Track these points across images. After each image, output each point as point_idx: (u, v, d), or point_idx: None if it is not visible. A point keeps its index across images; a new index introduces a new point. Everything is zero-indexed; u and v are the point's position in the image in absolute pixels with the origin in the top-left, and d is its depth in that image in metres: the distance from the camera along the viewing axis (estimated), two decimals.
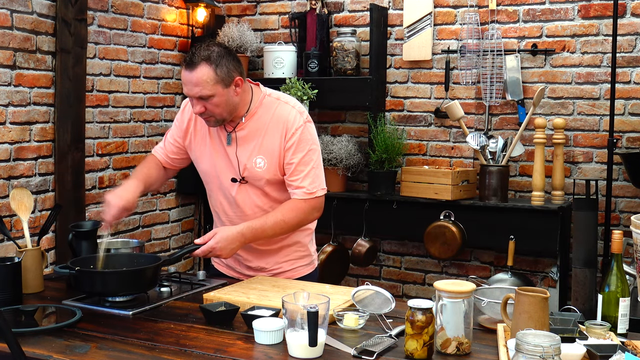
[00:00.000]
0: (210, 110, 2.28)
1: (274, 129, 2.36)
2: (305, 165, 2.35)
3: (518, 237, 3.70)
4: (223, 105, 2.28)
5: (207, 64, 2.23)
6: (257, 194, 2.42)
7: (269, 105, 2.39)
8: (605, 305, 1.97)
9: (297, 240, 2.52)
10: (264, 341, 1.81)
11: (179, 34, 4.40)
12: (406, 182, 3.95)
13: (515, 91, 3.93)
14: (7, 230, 2.47)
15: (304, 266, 2.57)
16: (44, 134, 3.51)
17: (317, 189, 2.37)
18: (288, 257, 2.52)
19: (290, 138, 2.34)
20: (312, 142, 2.38)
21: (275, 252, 2.50)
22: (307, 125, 2.38)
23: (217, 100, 2.26)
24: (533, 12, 3.91)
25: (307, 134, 2.37)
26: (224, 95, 2.27)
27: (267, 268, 2.51)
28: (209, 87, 2.23)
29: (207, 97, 2.25)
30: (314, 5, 4.26)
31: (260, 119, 2.38)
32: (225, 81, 2.26)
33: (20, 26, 3.34)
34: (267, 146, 2.36)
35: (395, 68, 4.25)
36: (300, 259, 2.55)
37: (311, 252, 2.60)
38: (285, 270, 2.52)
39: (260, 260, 2.50)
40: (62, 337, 1.87)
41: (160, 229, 4.32)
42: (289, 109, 2.38)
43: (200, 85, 2.23)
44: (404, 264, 4.36)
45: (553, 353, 1.37)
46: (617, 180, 3.79)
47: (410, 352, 1.71)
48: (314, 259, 2.63)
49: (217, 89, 2.25)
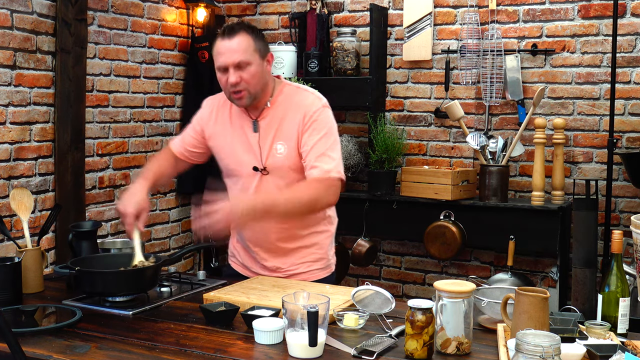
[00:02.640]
0: (246, 80, 2.26)
1: (293, 114, 2.35)
2: (322, 147, 2.31)
3: (518, 237, 3.70)
4: (258, 77, 2.28)
5: (246, 32, 2.27)
6: (278, 185, 2.37)
7: (289, 93, 2.41)
8: (605, 305, 1.97)
9: (315, 241, 2.49)
10: (264, 341, 1.81)
11: (179, 34, 4.40)
12: (406, 182, 3.95)
13: (515, 91, 3.93)
14: (7, 230, 2.47)
15: (320, 269, 2.51)
16: (44, 134, 3.51)
17: (333, 171, 2.30)
18: (305, 259, 2.48)
19: (307, 121, 2.33)
20: (329, 126, 2.36)
21: (292, 252, 2.46)
22: (325, 109, 2.38)
23: (254, 70, 2.27)
24: (533, 12, 3.91)
25: (324, 118, 2.35)
26: (260, 66, 2.29)
27: (283, 268, 2.47)
28: (249, 53, 2.25)
29: (245, 65, 2.25)
30: (314, 5, 4.26)
31: (281, 106, 2.39)
32: (261, 52, 2.29)
33: (20, 26, 3.34)
34: (286, 132, 2.35)
35: (395, 68, 4.25)
36: (316, 262, 2.50)
37: (329, 255, 2.55)
38: (301, 272, 2.47)
39: (276, 260, 2.47)
40: (62, 337, 1.87)
41: (160, 229, 4.32)
42: (307, 95, 2.40)
43: (240, 51, 2.24)
44: (404, 264, 4.36)
45: (553, 353, 1.37)
46: (617, 180, 3.79)
47: (410, 352, 1.71)
48: (331, 263, 2.57)
49: (255, 58, 2.27)
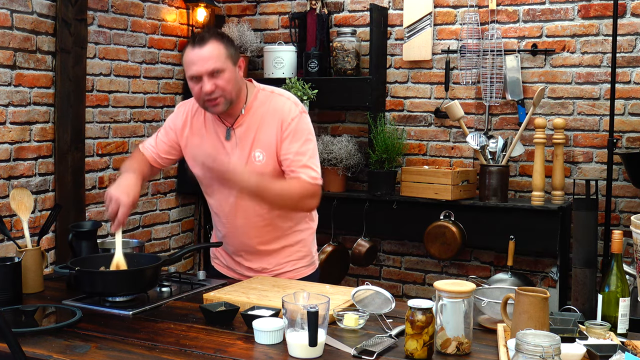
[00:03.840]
0: (221, 87, 2.26)
1: (270, 121, 2.35)
2: (302, 155, 2.33)
3: (518, 237, 3.70)
4: (233, 83, 2.29)
5: (217, 40, 2.27)
6: None
7: (264, 98, 2.40)
8: (605, 305, 1.97)
9: (299, 239, 2.51)
10: (264, 341, 1.81)
11: (179, 34, 4.40)
12: (406, 182, 3.95)
13: (515, 91, 3.93)
14: (7, 230, 2.47)
15: (305, 267, 2.56)
16: (44, 134, 3.51)
17: (318, 179, 2.34)
18: (290, 257, 2.51)
19: (286, 129, 2.33)
20: (308, 132, 2.37)
21: (276, 252, 2.49)
22: (303, 115, 2.38)
23: (227, 76, 2.27)
24: (533, 12, 3.91)
25: (303, 124, 2.36)
26: (233, 72, 2.29)
27: (269, 269, 2.50)
28: (222, 60, 2.25)
29: (219, 72, 2.25)
30: (314, 5, 4.26)
31: (256, 112, 2.37)
32: (233, 58, 2.30)
33: (20, 26, 3.34)
34: (264, 139, 2.35)
35: (395, 68, 4.25)
36: (301, 259, 2.54)
37: (312, 252, 2.59)
38: (286, 271, 2.51)
39: (262, 261, 2.49)
40: (62, 337, 1.87)
41: (160, 229, 4.32)
42: (283, 101, 2.38)
43: (212, 59, 2.24)
44: (404, 264, 4.36)
45: (553, 353, 1.37)
46: (617, 180, 3.79)
47: (410, 352, 1.71)
48: (315, 259, 2.62)
49: (228, 64, 2.27)
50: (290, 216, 2.47)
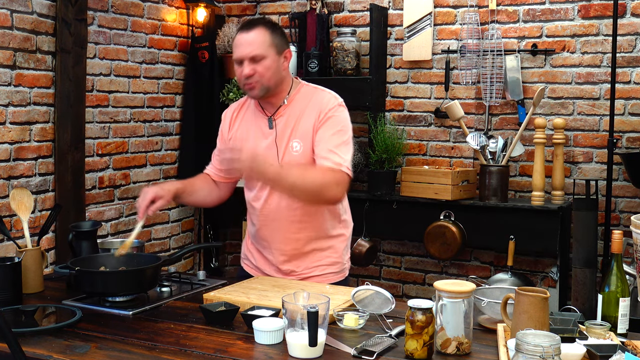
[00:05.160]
0: (259, 73, 2.31)
1: (310, 113, 2.38)
2: (334, 142, 2.33)
3: (518, 237, 3.70)
4: (272, 71, 2.33)
5: (264, 27, 2.33)
6: None
7: (307, 92, 2.45)
8: (605, 305, 1.97)
9: (330, 245, 2.49)
10: (264, 341, 1.81)
11: (179, 34, 4.40)
12: (406, 182, 3.95)
13: (515, 91, 3.93)
14: (7, 230, 2.47)
15: (335, 273, 2.50)
16: (44, 134, 3.51)
17: (344, 165, 2.32)
18: (320, 262, 2.47)
19: (323, 118, 2.36)
20: (343, 123, 2.39)
21: (307, 255, 2.45)
22: (341, 108, 2.41)
23: (268, 64, 2.32)
24: (533, 12, 3.91)
25: (339, 115, 2.39)
26: (275, 61, 2.34)
27: (297, 272, 2.46)
28: (264, 47, 2.31)
29: (259, 58, 2.30)
30: (314, 5, 4.26)
31: (298, 105, 2.41)
32: (278, 47, 2.35)
33: (20, 26, 3.34)
34: (302, 129, 2.38)
35: (395, 68, 4.25)
36: (331, 265, 2.49)
37: (343, 260, 2.54)
38: (315, 276, 2.46)
39: (291, 264, 2.46)
40: (62, 337, 1.87)
41: (160, 229, 4.32)
42: (324, 94, 2.44)
43: (255, 44, 2.30)
44: (404, 264, 4.36)
45: (553, 353, 1.37)
46: (617, 180, 3.79)
47: (410, 352, 1.71)
48: (346, 267, 2.56)
49: (270, 52, 2.32)
50: (323, 217, 2.45)
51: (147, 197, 2.30)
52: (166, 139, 4.33)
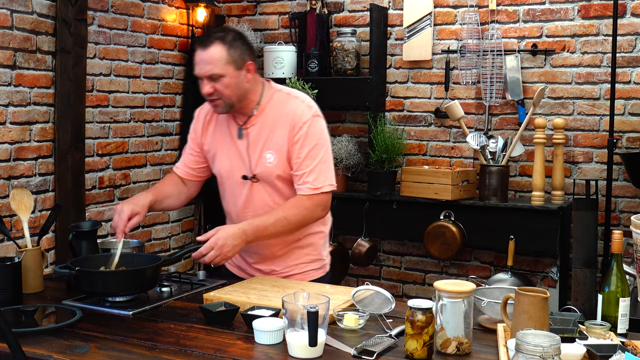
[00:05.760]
0: (219, 91, 2.28)
1: (283, 124, 2.35)
2: (311, 160, 2.32)
3: (518, 237, 3.70)
4: (233, 88, 2.29)
5: (220, 44, 2.27)
6: (268, 192, 2.39)
7: (279, 100, 2.39)
8: (605, 305, 1.97)
9: (309, 242, 2.49)
10: (264, 341, 1.81)
11: (179, 34, 4.40)
12: (406, 182, 3.95)
13: (515, 91, 3.93)
14: (7, 230, 2.47)
15: (315, 270, 2.52)
16: (44, 134, 3.51)
17: (323, 185, 2.33)
18: (299, 260, 2.48)
19: (297, 132, 2.32)
20: (319, 136, 2.35)
21: (286, 255, 2.47)
22: (315, 119, 2.36)
23: (227, 81, 2.27)
24: (533, 12, 3.91)
25: (314, 128, 2.35)
26: (234, 78, 2.29)
27: (278, 271, 2.47)
28: (220, 65, 2.26)
29: (217, 77, 2.27)
30: (314, 5, 4.26)
31: (270, 113, 2.38)
32: (237, 63, 2.29)
33: (20, 26, 3.34)
34: (276, 141, 2.35)
35: (395, 68, 4.25)
36: (311, 263, 2.51)
37: (323, 256, 2.55)
38: (295, 274, 2.48)
39: (271, 263, 2.47)
40: (62, 337, 1.87)
41: (160, 229, 4.32)
42: (298, 103, 2.37)
43: (212, 63, 2.25)
44: (404, 264, 4.36)
45: (553, 353, 1.37)
46: (617, 180, 3.79)
47: (410, 352, 1.71)
48: (326, 263, 2.58)
49: (228, 70, 2.27)
50: None
51: (124, 215, 2.29)
52: (166, 139, 4.33)
